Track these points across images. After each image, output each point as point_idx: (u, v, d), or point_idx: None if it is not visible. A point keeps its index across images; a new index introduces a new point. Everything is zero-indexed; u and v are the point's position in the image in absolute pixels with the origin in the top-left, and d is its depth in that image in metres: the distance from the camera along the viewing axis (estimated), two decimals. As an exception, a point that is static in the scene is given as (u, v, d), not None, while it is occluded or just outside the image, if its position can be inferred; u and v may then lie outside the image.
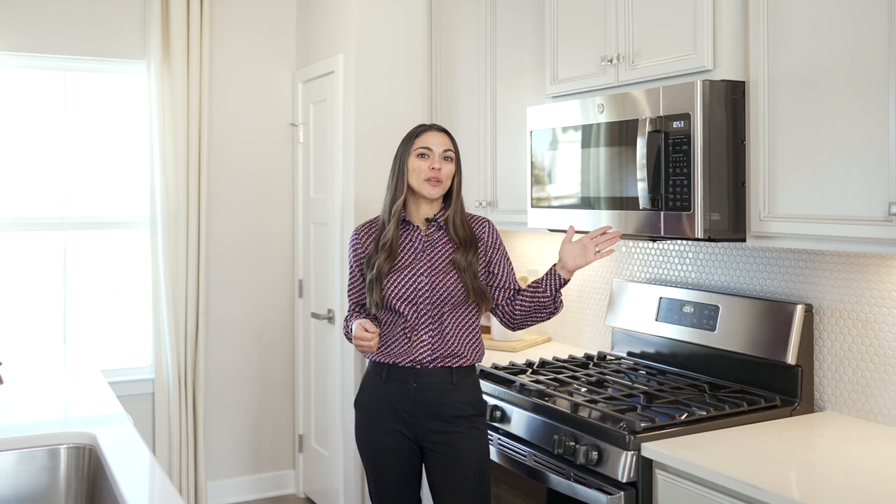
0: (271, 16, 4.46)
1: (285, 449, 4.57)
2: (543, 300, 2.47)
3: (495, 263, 2.54)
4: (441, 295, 2.43)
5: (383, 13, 3.86)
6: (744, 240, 2.33)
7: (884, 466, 1.98)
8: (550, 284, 2.45)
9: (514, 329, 2.58)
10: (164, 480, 1.88)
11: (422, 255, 2.47)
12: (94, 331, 4.22)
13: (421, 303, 2.43)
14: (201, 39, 4.13)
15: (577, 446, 2.30)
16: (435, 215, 2.52)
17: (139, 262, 4.26)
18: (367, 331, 2.38)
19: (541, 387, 2.65)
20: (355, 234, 2.59)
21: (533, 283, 2.50)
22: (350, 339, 2.58)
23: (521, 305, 2.50)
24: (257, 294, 4.47)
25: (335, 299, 3.98)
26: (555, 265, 2.47)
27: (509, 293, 2.53)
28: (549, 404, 2.52)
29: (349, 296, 2.65)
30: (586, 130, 2.65)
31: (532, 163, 2.94)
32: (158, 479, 1.91)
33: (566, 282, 2.46)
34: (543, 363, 3.02)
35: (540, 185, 2.90)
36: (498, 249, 2.55)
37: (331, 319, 4.03)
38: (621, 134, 2.50)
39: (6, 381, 2.76)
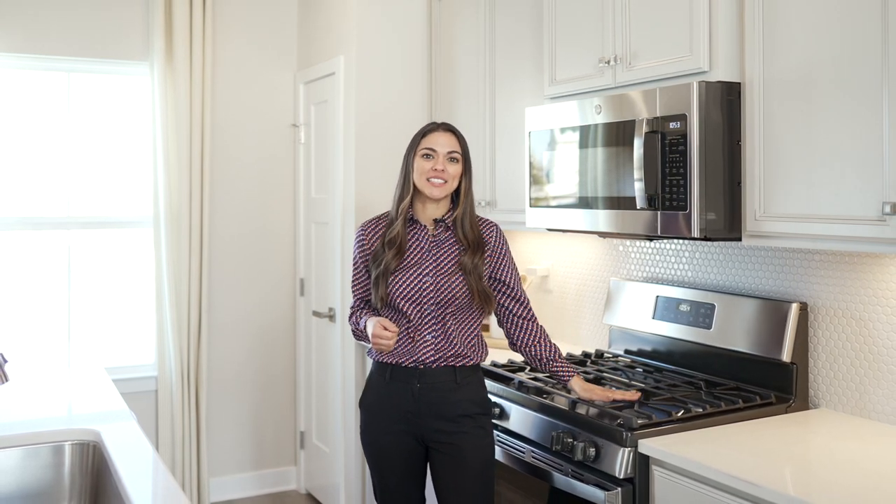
0: (273, 18, 4.48)
1: (287, 445, 4.60)
2: (544, 370, 2.56)
3: (504, 271, 2.54)
4: (446, 296, 2.42)
5: (384, 15, 3.89)
6: (739, 239, 2.35)
7: (877, 462, 2.00)
8: (556, 375, 2.53)
9: (510, 346, 2.62)
10: (167, 476, 1.90)
11: (428, 255, 2.46)
12: (98, 329, 4.25)
13: (425, 303, 2.42)
14: (204, 41, 4.16)
15: (575, 443, 2.33)
16: (443, 216, 2.51)
17: (142, 261, 4.29)
18: (387, 329, 2.35)
19: (539, 384, 2.67)
20: (362, 229, 2.56)
21: (553, 354, 2.53)
22: (357, 335, 2.58)
23: (528, 352, 2.55)
24: (259, 292, 4.50)
25: (336, 298, 4.01)
26: (575, 375, 2.51)
27: (522, 304, 2.56)
28: (547, 401, 2.54)
29: (353, 291, 2.62)
30: (584, 131, 2.68)
31: (530, 163, 2.96)
32: (161, 475, 1.93)
33: (568, 388, 2.53)
34: (542, 361, 3.04)
35: (538, 185, 2.92)
36: (505, 256, 2.56)
37: (332, 318, 4.06)
38: (619, 134, 2.53)
39: (11, 379, 2.79)
